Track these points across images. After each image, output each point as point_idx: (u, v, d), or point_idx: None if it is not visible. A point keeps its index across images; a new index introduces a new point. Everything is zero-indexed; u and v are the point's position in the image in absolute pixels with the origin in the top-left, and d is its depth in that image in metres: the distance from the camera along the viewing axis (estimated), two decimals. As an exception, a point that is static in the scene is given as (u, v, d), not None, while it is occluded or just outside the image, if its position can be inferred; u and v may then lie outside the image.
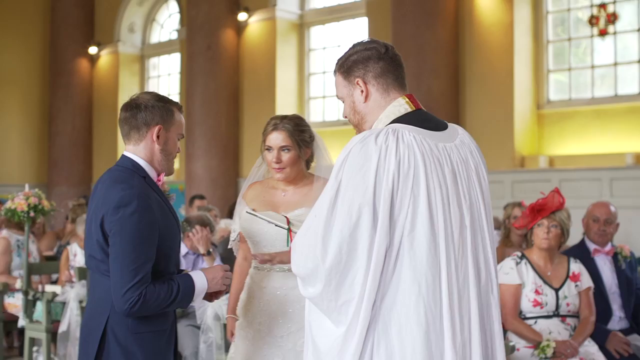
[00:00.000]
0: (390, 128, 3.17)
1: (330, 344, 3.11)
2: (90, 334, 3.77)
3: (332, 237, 3.04)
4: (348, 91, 3.40)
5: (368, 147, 3.09)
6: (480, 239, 3.24)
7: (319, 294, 3.10)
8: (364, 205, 3.02)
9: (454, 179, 3.20)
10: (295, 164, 4.44)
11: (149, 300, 3.61)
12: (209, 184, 15.66)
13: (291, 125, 4.43)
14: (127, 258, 3.60)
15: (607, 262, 6.77)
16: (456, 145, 3.29)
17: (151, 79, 19.62)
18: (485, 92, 13.06)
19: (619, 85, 12.54)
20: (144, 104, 3.86)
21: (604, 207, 6.91)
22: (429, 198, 3.09)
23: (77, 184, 19.04)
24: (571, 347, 5.79)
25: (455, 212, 3.16)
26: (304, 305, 4.26)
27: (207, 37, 16.13)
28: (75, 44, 19.31)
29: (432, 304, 3.05)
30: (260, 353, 4.37)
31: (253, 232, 4.44)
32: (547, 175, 12.44)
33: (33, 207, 8.31)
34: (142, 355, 3.73)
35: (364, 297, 3.03)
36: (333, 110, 16.13)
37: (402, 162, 3.09)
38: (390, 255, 3.05)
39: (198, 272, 3.87)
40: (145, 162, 3.86)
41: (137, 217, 3.62)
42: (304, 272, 3.15)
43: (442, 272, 3.08)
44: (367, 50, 3.37)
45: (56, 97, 19.32)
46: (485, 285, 3.23)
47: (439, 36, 13.01)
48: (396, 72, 3.37)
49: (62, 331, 7.96)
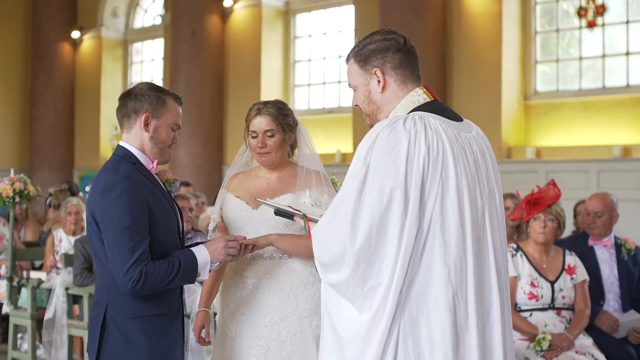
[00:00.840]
0: (417, 114, 3.17)
1: (355, 331, 3.09)
2: (94, 322, 3.82)
3: (361, 220, 3.03)
4: (363, 80, 3.37)
5: (397, 132, 3.08)
6: (497, 227, 3.26)
7: (345, 279, 3.08)
8: (396, 188, 3.02)
9: (475, 167, 3.22)
10: (280, 149, 4.38)
11: (150, 276, 3.64)
12: (193, 170, 15.59)
13: (274, 109, 4.37)
14: (122, 239, 3.63)
15: (606, 253, 6.77)
16: (474, 137, 3.31)
17: (134, 64, 19.50)
18: (472, 83, 13.05)
19: (607, 77, 12.55)
20: (135, 92, 3.90)
21: (595, 199, 6.90)
22: (457, 184, 3.11)
23: (58, 169, 18.92)
24: (567, 339, 5.78)
25: (479, 201, 3.18)
26: (287, 293, 4.27)
27: (192, 22, 16.04)
28: (57, 28, 19.15)
29: (459, 289, 3.07)
30: (245, 344, 4.30)
31: (235, 218, 4.37)
32: (534, 167, 12.45)
33: (18, 193, 8.20)
34: (145, 340, 3.75)
35: (392, 283, 3.02)
36: (318, 98, 16.08)
37: (432, 147, 3.09)
38: (420, 240, 3.05)
39: (199, 246, 3.88)
40: (137, 150, 3.89)
41: (124, 199, 3.66)
42: (329, 258, 3.13)
43: (468, 258, 3.09)
44: (387, 41, 3.33)
45: (38, 82, 19.16)
46: (502, 275, 3.26)
47: (427, 25, 12.98)
48: (413, 64, 3.36)
49: (48, 318, 7.90)
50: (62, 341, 7.86)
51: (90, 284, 7.53)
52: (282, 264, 4.29)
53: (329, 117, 15.39)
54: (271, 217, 4.26)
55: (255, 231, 4.30)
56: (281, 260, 4.29)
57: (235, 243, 3.94)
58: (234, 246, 3.93)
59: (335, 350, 3.16)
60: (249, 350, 4.28)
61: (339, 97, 15.66)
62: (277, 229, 4.26)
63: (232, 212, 4.38)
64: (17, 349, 8.37)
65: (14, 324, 8.31)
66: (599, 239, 6.78)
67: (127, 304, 3.73)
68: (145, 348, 3.74)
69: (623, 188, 11.36)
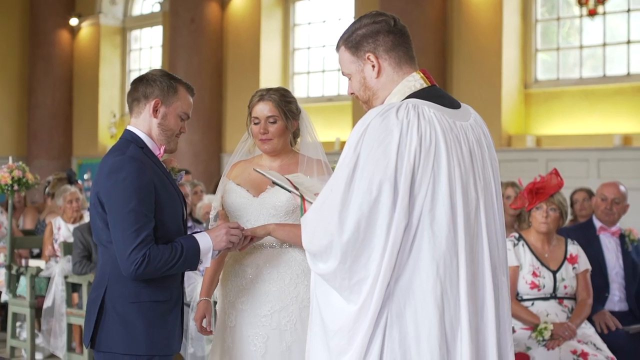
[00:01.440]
0: (410, 103, 3.06)
1: (342, 323, 3.02)
2: (91, 305, 3.81)
3: (349, 212, 2.95)
4: (357, 67, 3.26)
5: (389, 121, 2.99)
6: (492, 220, 3.16)
7: (332, 271, 3.01)
8: (385, 180, 2.93)
9: (470, 158, 3.11)
10: (282, 136, 4.35)
11: (153, 260, 3.62)
12: (192, 158, 15.55)
13: (277, 96, 4.35)
14: (126, 221, 3.61)
15: (613, 242, 6.75)
16: (471, 125, 3.20)
17: (133, 51, 19.43)
18: (472, 71, 13.01)
19: (608, 66, 12.51)
20: (148, 77, 3.88)
21: (613, 186, 6.89)
22: (450, 177, 3.01)
23: (56, 157, 18.88)
24: (569, 329, 5.75)
25: (472, 193, 3.08)
26: (287, 283, 4.24)
27: (191, 10, 15.98)
28: (55, 16, 19.07)
29: (449, 286, 2.98)
30: (244, 333, 4.28)
31: (235, 205, 4.34)
32: (534, 155, 12.42)
33: (17, 180, 8.17)
34: (142, 325, 3.73)
35: (379, 276, 2.94)
36: (317, 86, 16.04)
37: (424, 138, 2.99)
38: (409, 234, 2.96)
39: (202, 233, 3.86)
40: (145, 135, 3.87)
41: (130, 180, 3.64)
42: (317, 248, 3.06)
43: (460, 254, 3.00)
44: (376, 24, 3.21)
45: (36, 69, 19.09)
46: (497, 269, 3.15)
47: (427, 13, 12.94)
48: (406, 45, 3.24)
49: (47, 307, 7.87)
50: (61, 329, 7.84)
51: (89, 272, 7.50)
52: (283, 253, 4.26)
53: (328, 105, 15.34)
54: (272, 204, 4.24)
55: (255, 219, 4.27)
56: (281, 249, 4.26)
57: (237, 230, 3.92)
58: (236, 233, 3.90)
59: (322, 340, 3.10)
60: (249, 340, 4.26)
61: (338, 85, 15.61)
62: (278, 217, 4.23)
63: (233, 199, 4.35)
64: (16, 337, 8.36)
65: (12, 312, 8.29)
66: (609, 227, 6.76)
67: (127, 288, 3.71)
68: (141, 333, 3.73)
69: (623, 177, 11.28)
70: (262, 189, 4.31)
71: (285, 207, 4.21)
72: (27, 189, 8.54)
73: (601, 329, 6.29)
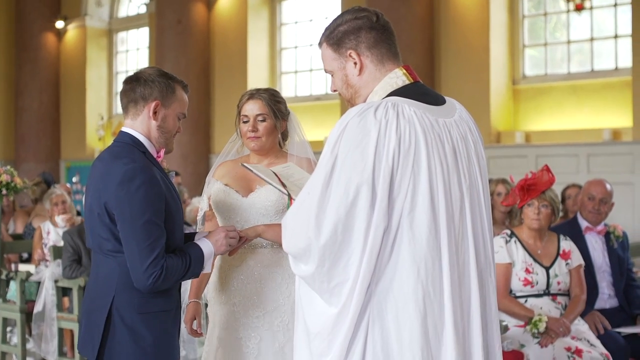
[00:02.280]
0: (390, 101, 2.98)
1: (322, 325, 2.97)
2: (94, 315, 3.69)
3: (326, 216, 2.88)
4: (339, 64, 3.18)
5: (367, 122, 2.90)
6: (479, 220, 3.09)
7: (311, 274, 2.94)
8: (362, 183, 2.85)
9: (454, 156, 3.03)
10: (271, 135, 4.33)
11: (170, 272, 3.56)
12: (180, 160, 15.51)
13: (267, 95, 4.34)
14: (141, 234, 3.51)
15: (599, 241, 6.70)
16: (455, 121, 3.11)
17: (119, 53, 19.38)
18: (460, 68, 13.02)
19: (595, 61, 12.52)
20: (144, 77, 3.74)
21: (600, 185, 6.81)
22: (430, 177, 2.93)
23: (44, 160, 18.82)
24: (563, 325, 5.73)
25: (456, 192, 3.00)
26: (279, 283, 4.22)
27: (177, 10, 15.95)
28: (41, 18, 19.01)
29: (431, 288, 2.91)
30: (236, 336, 4.25)
31: (225, 206, 4.31)
32: (523, 151, 12.43)
33: (5, 185, 8.11)
34: (151, 336, 3.66)
35: (358, 280, 2.88)
36: (305, 86, 16.02)
37: (403, 138, 2.90)
38: (388, 237, 2.89)
39: (202, 239, 3.80)
40: (144, 137, 3.75)
41: (143, 191, 3.53)
42: (295, 250, 3.00)
43: (443, 256, 2.93)
44: (358, 20, 3.13)
45: (23, 72, 19.02)
46: (483, 269, 3.10)
47: (414, 11, 12.93)
48: (389, 41, 3.15)
49: (38, 311, 7.82)
50: (52, 334, 7.78)
51: (79, 276, 7.45)
52: (274, 253, 4.23)
53: (316, 104, 15.33)
54: (262, 204, 4.22)
55: (245, 219, 4.24)
56: (272, 249, 4.23)
57: (235, 233, 3.87)
58: (234, 236, 3.86)
59: (305, 342, 3.05)
60: (242, 342, 4.23)
61: (326, 84, 15.59)
62: (268, 217, 4.20)
63: (221, 199, 4.31)
64: (6, 342, 8.30)
65: (3, 317, 8.23)
66: (595, 225, 6.72)
67: (135, 298, 3.62)
68: (150, 345, 3.66)
69: (613, 172, 11.35)
70: (251, 188, 4.29)
71: (275, 206, 4.18)
72: (15, 193, 8.47)
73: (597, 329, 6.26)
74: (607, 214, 6.78)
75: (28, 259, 9.59)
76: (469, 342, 3.01)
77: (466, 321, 3.00)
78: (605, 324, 6.35)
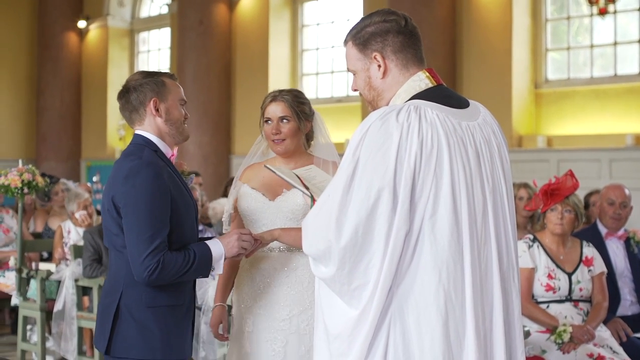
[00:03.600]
0: (412, 104, 2.97)
1: (342, 327, 2.96)
2: (105, 310, 3.78)
3: (347, 219, 2.88)
4: (363, 65, 3.18)
5: (389, 125, 2.90)
6: (502, 224, 3.07)
7: (332, 276, 2.95)
8: (384, 187, 2.85)
9: (477, 160, 3.02)
10: (295, 137, 4.30)
11: (167, 266, 3.61)
12: (201, 160, 15.52)
13: (290, 97, 4.32)
14: (141, 226, 3.60)
15: (620, 246, 6.65)
16: (479, 124, 3.09)
17: (141, 53, 19.42)
18: (482, 71, 12.96)
19: (619, 65, 12.44)
20: (132, 85, 3.87)
21: (619, 189, 6.76)
22: (452, 181, 2.92)
23: (65, 159, 18.88)
24: (588, 333, 5.68)
25: (479, 196, 2.99)
26: (306, 286, 4.20)
27: (199, 11, 15.95)
28: (63, 18, 19.06)
29: (453, 293, 2.90)
30: (263, 338, 4.23)
31: (251, 209, 4.30)
32: (545, 156, 12.36)
33: (27, 184, 8.13)
34: (159, 331, 3.73)
35: (379, 283, 2.87)
36: (326, 87, 16.00)
37: (425, 141, 2.90)
38: (410, 240, 2.89)
39: (213, 240, 3.86)
40: (156, 137, 3.86)
41: (147, 185, 3.63)
42: (315, 253, 3.00)
43: (465, 260, 2.92)
44: (386, 22, 3.12)
45: (44, 71, 19.08)
46: (506, 273, 3.07)
47: (437, 13, 12.88)
48: (415, 46, 3.14)
49: (58, 310, 7.84)
50: (72, 333, 7.81)
51: (99, 276, 7.48)
52: (300, 255, 4.21)
53: (337, 106, 15.30)
54: (289, 208, 4.21)
55: (272, 223, 4.23)
56: (299, 252, 4.21)
57: (249, 237, 3.90)
58: (247, 239, 3.89)
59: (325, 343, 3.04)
60: (267, 345, 4.22)
61: (347, 86, 15.55)
62: (295, 221, 4.18)
63: (248, 204, 4.31)
64: (26, 340, 8.33)
65: (23, 315, 8.26)
66: (616, 231, 6.67)
67: (144, 293, 3.70)
68: (158, 338, 3.72)
69: (636, 177, 11.27)
70: (277, 192, 4.28)
71: (302, 210, 4.16)
72: (37, 192, 8.50)
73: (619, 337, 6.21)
74: (627, 219, 6.73)
75: (48, 257, 9.62)
76: (491, 347, 2.99)
77: (488, 326, 2.99)
78: (628, 330, 6.31)
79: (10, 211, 9.83)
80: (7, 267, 9.03)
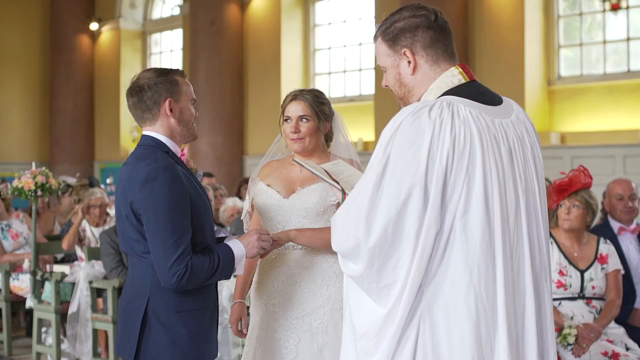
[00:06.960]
0: (445, 101, 2.92)
1: (369, 325, 2.93)
2: (131, 317, 3.72)
3: (377, 216, 2.83)
4: (392, 61, 3.12)
5: (421, 121, 2.85)
6: (534, 223, 3.00)
7: (360, 274, 2.90)
8: (415, 185, 2.79)
9: (510, 158, 2.95)
10: (314, 136, 4.31)
11: (195, 271, 3.58)
12: (214, 161, 15.54)
13: (310, 96, 4.32)
14: (165, 232, 3.55)
15: (633, 241, 6.59)
16: (512, 122, 3.03)
17: (153, 55, 19.46)
18: (495, 68, 12.93)
19: (632, 61, 12.39)
20: (147, 83, 3.81)
21: (626, 183, 6.69)
22: (485, 179, 2.86)
23: (79, 162, 18.92)
24: (594, 330, 5.62)
25: (511, 195, 2.93)
26: (319, 285, 4.20)
27: (211, 12, 15.97)
28: (75, 20, 19.10)
29: (484, 293, 2.84)
30: (275, 337, 4.24)
31: (266, 207, 4.32)
32: (559, 152, 12.32)
33: (40, 186, 8.15)
34: (188, 335, 3.70)
35: (407, 282, 2.82)
36: (339, 87, 15.99)
37: (458, 139, 2.85)
38: (440, 239, 2.83)
39: (234, 240, 3.83)
40: (167, 138, 3.82)
41: (167, 189, 3.57)
42: (344, 250, 2.96)
43: (497, 260, 2.86)
44: (416, 18, 3.07)
45: (57, 74, 19.14)
46: (539, 274, 3.01)
47: (449, 11, 12.84)
48: (446, 41, 3.11)
49: (72, 312, 7.86)
50: (87, 335, 7.82)
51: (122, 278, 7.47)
52: (314, 254, 4.22)
53: (350, 105, 15.29)
54: (302, 206, 4.22)
55: (286, 221, 4.25)
56: (312, 251, 4.22)
57: (268, 237, 3.89)
58: (267, 239, 3.88)
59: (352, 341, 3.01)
60: (280, 342, 4.23)
61: (359, 85, 15.57)
62: (309, 219, 4.20)
63: (263, 201, 4.33)
64: (41, 343, 8.34)
65: (38, 318, 8.28)
66: (629, 224, 6.62)
67: (171, 298, 3.66)
68: (188, 343, 3.70)
69: (650, 173, 11.23)
70: (292, 190, 4.29)
71: (315, 208, 4.18)
72: (50, 195, 8.52)
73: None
74: (638, 211, 6.68)
75: (63, 259, 9.63)
76: (523, 349, 2.94)
77: (520, 328, 2.94)
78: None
79: (20, 215, 9.83)
80: (21, 270, 9.04)
